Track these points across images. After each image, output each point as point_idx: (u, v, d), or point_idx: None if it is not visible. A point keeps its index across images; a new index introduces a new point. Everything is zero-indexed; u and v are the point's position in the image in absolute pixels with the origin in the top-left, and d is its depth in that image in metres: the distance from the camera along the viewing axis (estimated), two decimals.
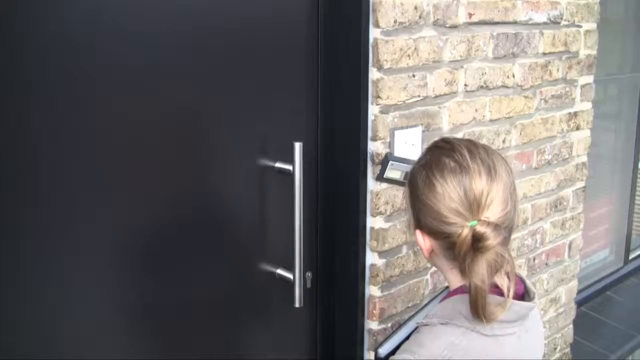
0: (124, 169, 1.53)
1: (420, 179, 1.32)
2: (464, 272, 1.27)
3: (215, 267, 1.74)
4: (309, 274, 1.86)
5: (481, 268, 1.22)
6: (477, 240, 1.22)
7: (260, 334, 1.89)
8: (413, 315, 1.46)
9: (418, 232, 1.34)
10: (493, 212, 1.25)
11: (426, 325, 1.31)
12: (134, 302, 1.60)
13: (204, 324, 1.75)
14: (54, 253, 1.46)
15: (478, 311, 1.23)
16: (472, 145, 1.32)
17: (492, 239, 1.21)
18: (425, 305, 1.48)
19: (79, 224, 1.48)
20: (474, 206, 1.25)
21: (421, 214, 1.32)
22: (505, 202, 1.28)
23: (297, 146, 1.62)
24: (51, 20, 1.38)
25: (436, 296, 1.47)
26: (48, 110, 1.40)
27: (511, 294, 1.26)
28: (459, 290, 1.33)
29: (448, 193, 1.26)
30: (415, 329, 1.36)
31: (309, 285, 1.86)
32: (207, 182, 1.68)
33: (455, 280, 1.35)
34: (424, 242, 1.34)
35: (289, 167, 1.67)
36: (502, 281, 1.26)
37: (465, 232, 1.23)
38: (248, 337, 1.86)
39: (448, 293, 1.37)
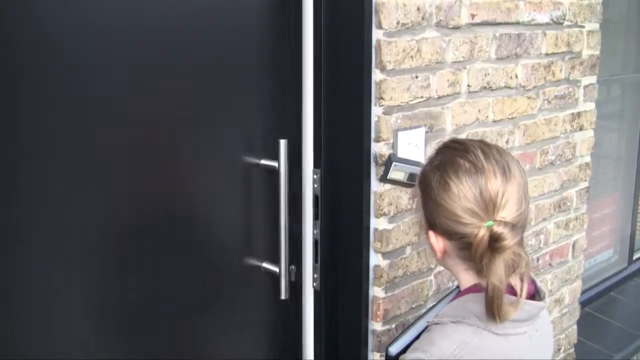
0: (110, 169, 1.54)
1: (433, 180, 1.32)
2: (480, 272, 1.27)
3: (201, 262, 1.75)
4: (292, 267, 1.86)
5: (499, 268, 1.22)
6: (494, 241, 1.23)
7: (245, 328, 1.89)
8: (423, 315, 1.46)
9: (431, 233, 1.34)
10: (509, 212, 1.26)
11: (437, 323, 1.32)
12: (119, 298, 1.61)
13: (191, 319, 1.76)
14: (41, 253, 1.46)
15: (493, 311, 1.24)
16: (485, 146, 1.33)
17: (510, 239, 1.22)
18: (436, 304, 1.48)
19: (68, 221, 1.49)
20: (489, 206, 1.26)
21: (435, 215, 1.32)
22: (520, 202, 1.29)
23: (282, 143, 1.65)
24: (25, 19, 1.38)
25: (446, 296, 1.48)
26: (28, 111, 1.40)
27: (524, 294, 1.27)
28: (470, 290, 1.33)
29: (464, 193, 1.27)
30: (426, 327, 1.36)
31: (292, 278, 1.86)
32: (194, 179, 1.69)
33: (466, 279, 1.35)
34: (437, 243, 1.34)
35: (274, 163, 1.68)
36: (515, 281, 1.26)
37: (482, 233, 1.24)
38: (231, 331, 1.86)
39: (459, 292, 1.38)
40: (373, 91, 1.86)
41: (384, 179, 1.90)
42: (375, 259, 1.97)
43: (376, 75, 1.86)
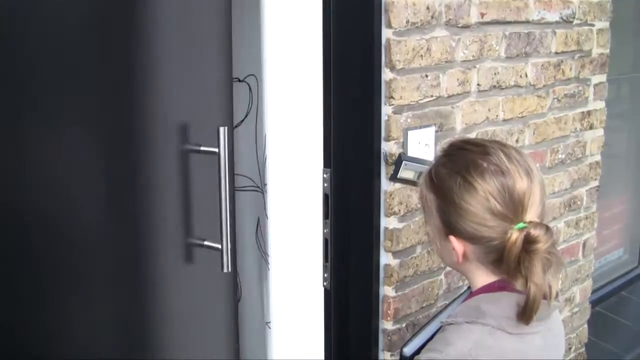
0: (54, 164, 1.54)
1: (455, 184, 1.28)
2: (513, 274, 1.26)
3: (146, 240, 1.75)
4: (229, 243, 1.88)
5: (538, 269, 1.21)
6: (530, 243, 1.21)
7: (188, 297, 1.89)
8: (436, 315, 1.45)
9: (453, 238, 1.31)
10: (535, 213, 1.25)
11: (451, 324, 1.31)
12: (59, 280, 1.60)
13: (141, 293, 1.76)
14: None
15: (531, 313, 1.22)
16: (503, 147, 1.31)
17: (544, 242, 1.21)
18: (448, 305, 1.47)
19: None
20: (518, 208, 1.24)
21: (458, 220, 1.29)
22: (542, 202, 1.28)
23: (222, 130, 1.71)
24: None
25: (458, 296, 1.47)
26: None
27: (553, 295, 1.26)
28: (483, 290, 1.32)
29: (493, 196, 1.24)
30: (439, 328, 1.35)
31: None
32: (136, 164, 1.70)
33: (480, 280, 1.34)
34: (459, 247, 1.31)
35: (215, 149, 1.74)
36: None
37: (515, 236, 1.22)
38: (176, 301, 1.85)
39: (471, 292, 1.37)
40: (383, 90, 1.86)
41: (394, 178, 1.90)
42: (385, 258, 1.97)
43: (386, 75, 1.86)
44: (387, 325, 2.00)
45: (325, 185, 1.93)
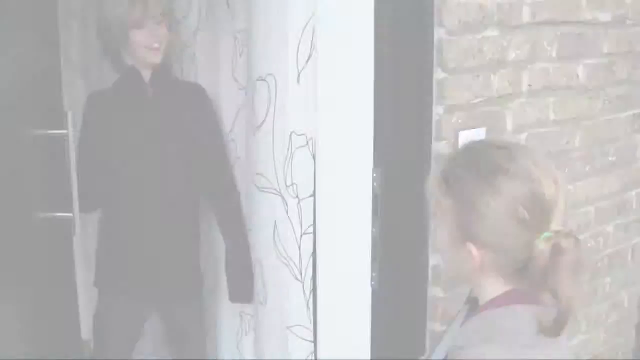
0: None
1: (478, 189, 1.21)
2: (537, 286, 1.18)
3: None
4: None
5: (567, 280, 1.15)
6: (558, 255, 1.15)
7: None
8: (443, 335, 1.40)
9: (471, 246, 1.22)
10: (560, 221, 1.19)
11: (462, 347, 1.23)
12: None
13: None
14: None
15: (563, 327, 1.16)
16: (528, 151, 1.26)
17: (574, 253, 1.15)
18: (449, 327, 1.41)
19: None
20: (545, 217, 1.18)
21: (479, 227, 1.21)
22: (566, 209, 1.22)
23: (70, 114, 1.91)
24: None
25: (459, 312, 1.41)
26: None
27: (576, 304, 1.21)
28: (496, 302, 1.25)
29: (520, 203, 1.18)
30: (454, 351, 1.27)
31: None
32: None
33: (492, 290, 1.26)
34: (477, 256, 1.23)
35: (64, 131, 1.91)
36: None
37: (543, 246, 1.16)
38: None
39: (480, 307, 1.29)
40: (434, 90, 1.86)
41: None
42: (434, 259, 1.96)
43: (438, 74, 1.85)
44: (435, 325, 1.99)
45: (375, 184, 1.92)
